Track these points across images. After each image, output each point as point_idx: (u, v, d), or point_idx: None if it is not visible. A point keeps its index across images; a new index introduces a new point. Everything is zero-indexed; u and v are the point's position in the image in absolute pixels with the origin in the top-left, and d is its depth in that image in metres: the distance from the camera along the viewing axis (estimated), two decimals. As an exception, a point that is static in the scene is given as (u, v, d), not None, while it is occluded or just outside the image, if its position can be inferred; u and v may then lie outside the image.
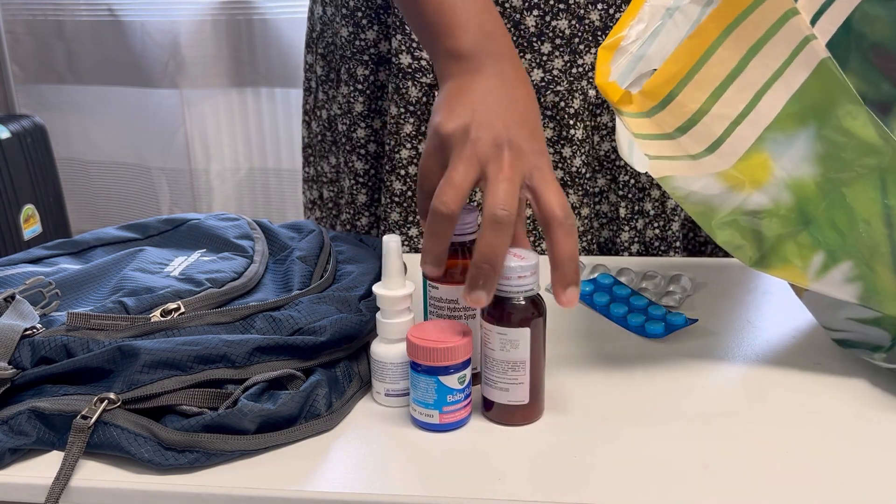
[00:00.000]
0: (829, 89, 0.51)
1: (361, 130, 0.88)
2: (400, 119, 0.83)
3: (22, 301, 0.60)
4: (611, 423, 0.55)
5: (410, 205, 0.85)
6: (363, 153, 0.89)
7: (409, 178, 0.84)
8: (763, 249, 0.58)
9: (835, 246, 0.55)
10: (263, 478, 0.50)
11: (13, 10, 2.17)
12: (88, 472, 0.51)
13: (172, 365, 0.53)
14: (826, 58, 0.50)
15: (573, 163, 0.83)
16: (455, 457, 0.52)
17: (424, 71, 0.81)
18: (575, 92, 0.82)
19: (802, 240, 0.56)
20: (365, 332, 0.61)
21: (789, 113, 0.53)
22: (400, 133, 0.83)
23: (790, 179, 0.55)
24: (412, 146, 0.83)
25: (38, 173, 1.96)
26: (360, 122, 0.88)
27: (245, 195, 2.20)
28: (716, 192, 0.56)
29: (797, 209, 0.55)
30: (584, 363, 0.63)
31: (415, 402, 0.55)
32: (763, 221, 0.56)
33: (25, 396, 0.54)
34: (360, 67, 0.86)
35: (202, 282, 0.64)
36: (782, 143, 0.54)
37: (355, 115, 0.88)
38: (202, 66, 2.08)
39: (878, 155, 0.51)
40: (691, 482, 0.49)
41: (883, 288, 0.55)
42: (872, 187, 0.52)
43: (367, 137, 0.88)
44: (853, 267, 0.55)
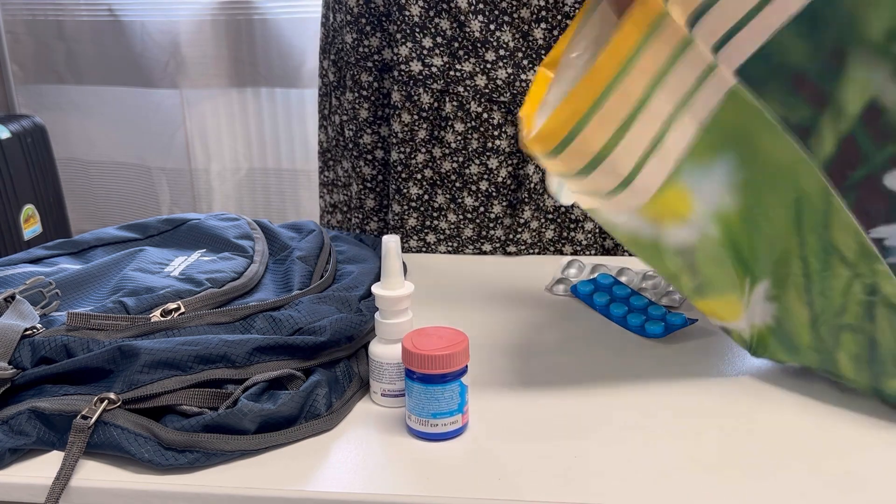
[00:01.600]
0: (744, 116, 0.49)
1: (368, 137, 0.88)
2: (414, 126, 0.83)
3: (22, 301, 0.60)
4: (611, 423, 0.55)
5: (427, 209, 0.85)
6: (370, 159, 0.89)
7: (425, 182, 0.85)
8: (698, 280, 0.57)
9: (754, 268, 0.55)
10: (263, 478, 0.50)
11: (13, 10, 2.17)
12: (88, 472, 0.51)
13: (172, 365, 0.53)
14: (735, 84, 0.49)
15: None
16: (455, 457, 0.52)
17: (435, 77, 0.81)
18: None
19: (731, 270, 0.56)
20: (365, 332, 0.62)
21: (702, 143, 0.51)
22: (415, 139, 0.84)
23: (714, 212, 0.54)
24: (426, 150, 0.84)
25: (38, 173, 1.96)
26: (366, 128, 0.88)
27: (245, 195, 2.20)
28: (639, 224, 0.56)
29: (727, 242, 0.54)
30: (584, 363, 0.63)
31: (409, 410, 0.54)
32: (695, 255, 0.56)
33: (25, 396, 0.54)
34: (363, 74, 0.87)
35: (202, 282, 0.64)
36: (699, 175, 0.52)
37: (361, 121, 0.88)
38: (202, 66, 2.08)
39: (794, 178, 0.50)
40: (692, 482, 0.49)
41: (795, 312, 0.54)
42: (787, 209, 0.51)
43: (373, 144, 0.88)
44: (770, 287, 0.55)
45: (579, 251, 0.85)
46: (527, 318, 0.70)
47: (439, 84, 0.82)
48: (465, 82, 0.81)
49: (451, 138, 0.83)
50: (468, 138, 0.82)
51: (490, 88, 0.81)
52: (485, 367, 0.62)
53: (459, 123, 0.82)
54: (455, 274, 0.80)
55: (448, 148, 0.83)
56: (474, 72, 0.80)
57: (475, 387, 0.59)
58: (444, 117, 0.82)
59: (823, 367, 0.56)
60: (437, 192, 0.85)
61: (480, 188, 0.84)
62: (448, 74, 0.81)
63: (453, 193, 0.85)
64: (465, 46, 0.80)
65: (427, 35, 0.80)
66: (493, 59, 0.80)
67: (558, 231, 0.85)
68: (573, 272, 0.78)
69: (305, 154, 2.10)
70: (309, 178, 2.11)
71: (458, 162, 0.83)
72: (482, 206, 0.84)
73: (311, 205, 2.07)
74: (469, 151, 0.83)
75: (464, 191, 0.84)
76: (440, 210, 0.85)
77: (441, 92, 0.82)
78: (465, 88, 0.81)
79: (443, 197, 0.85)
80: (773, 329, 0.57)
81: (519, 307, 0.72)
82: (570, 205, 0.70)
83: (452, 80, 0.81)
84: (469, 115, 0.81)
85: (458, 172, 0.83)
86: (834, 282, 0.52)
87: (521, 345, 0.66)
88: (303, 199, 2.16)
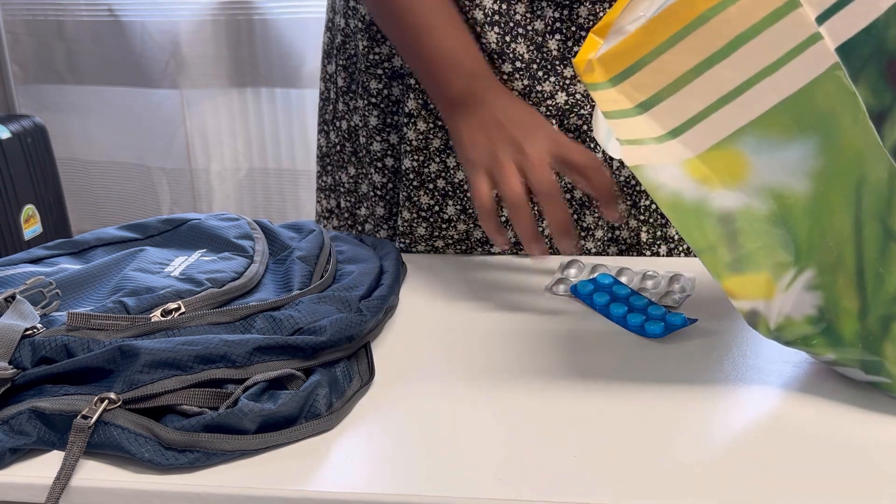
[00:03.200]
0: (836, 100, 0.47)
1: (377, 144, 0.88)
2: (429, 134, 0.83)
3: (22, 301, 0.60)
4: (610, 422, 0.55)
5: (437, 219, 0.85)
6: (380, 166, 0.89)
7: (436, 192, 0.85)
8: (738, 253, 0.54)
9: (804, 255, 0.53)
10: (263, 478, 0.50)
11: (13, 10, 2.17)
12: (89, 471, 0.51)
13: (173, 365, 0.53)
14: (835, 63, 0.46)
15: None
16: (455, 456, 0.52)
17: None
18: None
19: (780, 252, 0.53)
20: (365, 331, 0.62)
21: (779, 117, 0.48)
22: (429, 148, 0.84)
23: (772, 189, 0.51)
24: (440, 160, 0.84)
25: (39, 173, 1.96)
26: (376, 135, 0.88)
27: (245, 195, 2.20)
28: (685, 185, 0.53)
29: (779, 221, 0.52)
30: (584, 363, 0.63)
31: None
32: (737, 224, 0.53)
33: (26, 396, 0.54)
34: (373, 81, 0.87)
35: (202, 282, 0.64)
36: (765, 148, 0.50)
37: (370, 128, 0.88)
38: (202, 66, 2.08)
39: (861, 165, 0.48)
40: (692, 482, 0.49)
41: (842, 303, 0.53)
42: (848, 197, 0.49)
43: (383, 152, 0.88)
44: (816, 275, 0.53)
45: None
46: (526, 318, 0.70)
47: None
48: None
49: None
50: None
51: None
52: (484, 366, 0.62)
53: None
54: (455, 273, 0.80)
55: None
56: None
57: (475, 386, 0.59)
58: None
59: (864, 358, 0.54)
60: (447, 202, 0.85)
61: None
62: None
63: (465, 204, 0.85)
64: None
65: None
66: (509, 71, 0.80)
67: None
68: (573, 272, 0.78)
69: (305, 154, 2.11)
70: (309, 178, 2.12)
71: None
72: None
73: (311, 205, 2.07)
74: None
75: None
76: (449, 221, 0.85)
77: None
78: None
79: (453, 208, 0.85)
80: (814, 319, 0.55)
81: (519, 307, 0.72)
82: (616, 158, 0.68)
83: None
84: None
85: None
86: (892, 269, 0.50)
87: (520, 344, 0.66)
88: (303, 199, 2.16)
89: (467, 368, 0.62)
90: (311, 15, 1.99)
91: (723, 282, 0.57)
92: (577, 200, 0.84)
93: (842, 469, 0.50)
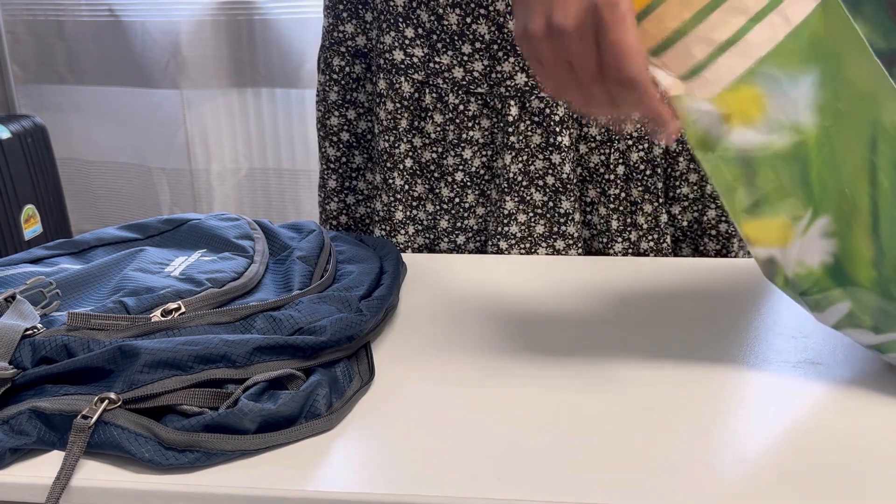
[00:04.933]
0: (835, 30, 0.48)
1: (335, 119, 0.90)
2: (396, 115, 0.85)
3: (22, 301, 0.60)
4: (611, 422, 0.55)
5: (410, 201, 0.86)
6: (335, 140, 0.91)
7: (405, 172, 0.86)
8: (756, 196, 0.55)
9: (818, 200, 0.53)
10: (263, 478, 0.50)
11: (13, 10, 2.17)
12: (89, 471, 0.51)
13: (173, 365, 0.53)
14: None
15: (563, 169, 0.84)
16: (455, 456, 0.52)
17: (416, 67, 0.83)
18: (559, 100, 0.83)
19: (796, 192, 0.54)
20: (365, 331, 0.62)
21: (790, 49, 0.49)
22: (398, 128, 0.85)
23: (789, 123, 0.52)
24: (408, 140, 0.85)
25: (39, 173, 1.96)
26: (334, 110, 0.90)
27: (245, 195, 2.20)
28: (712, 122, 0.54)
29: (795, 159, 0.53)
30: (585, 363, 0.63)
31: None
32: (755, 164, 0.54)
33: (26, 396, 0.54)
34: (336, 58, 0.89)
35: (202, 282, 0.64)
36: (781, 82, 0.51)
37: (329, 103, 0.90)
38: (202, 66, 2.09)
39: (874, 109, 0.49)
40: (693, 482, 0.49)
41: (857, 249, 0.53)
42: (862, 142, 0.50)
43: (339, 126, 0.91)
44: (831, 222, 0.53)
45: (571, 244, 0.86)
46: (526, 318, 0.70)
47: (420, 75, 0.83)
48: (443, 74, 0.82)
49: (431, 129, 0.84)
50: (446, 129, 0.84)
51: (467, 80, 0.82)
52: (484, 366, 0.62)
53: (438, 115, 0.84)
54: (455, 273, 0.80)
55: (428, 138, 0.85)
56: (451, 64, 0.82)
57: (475, 386, 0.59)
58: (423, 108, 0.84)
59: (879, 306, 0.55)
60: (416, 181, 0.86)
61: (456, 179, 0.86)
62: (428, 66, 0.83)
63: (432, 184, 0.86)
64: (443, 39, 0.81)
65: (409, 26, 0.82)
66: (469, 52, 0.81)
67: (548, 227, 0.85)
68: None
69: (305, 154, 2.11)
70: (309, 178, 2.12)
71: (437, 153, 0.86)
72: (457, 198, 0.86)
73: (311, 205, 2.08)
74: (447, 142, 0.85)
75: (441, 182, 0.86)
76: (419, 200, 0.87)
77: (421, 83, 0.84)
78: (444, 80, 0.82)
79: (422, 187, 0.87)
80: (830, 266, 0.55)
81: (519, 306, 0.72)
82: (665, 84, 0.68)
83: (432, 73, 0.83)
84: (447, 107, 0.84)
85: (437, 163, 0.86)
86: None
87: (520, 344, 0.66)
88: (303, 199, 2.16)
89: (467, 368, 0.62)
90: (311, 15, 2.00)
91: (741, 227, 0.57)
92: (551, 187, 0.85)
93: (842, 468, 0.50)
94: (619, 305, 0.72)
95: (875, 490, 0.48)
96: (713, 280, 0.77)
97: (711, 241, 0.89)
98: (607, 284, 0.76)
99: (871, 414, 0.55)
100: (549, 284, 0.77)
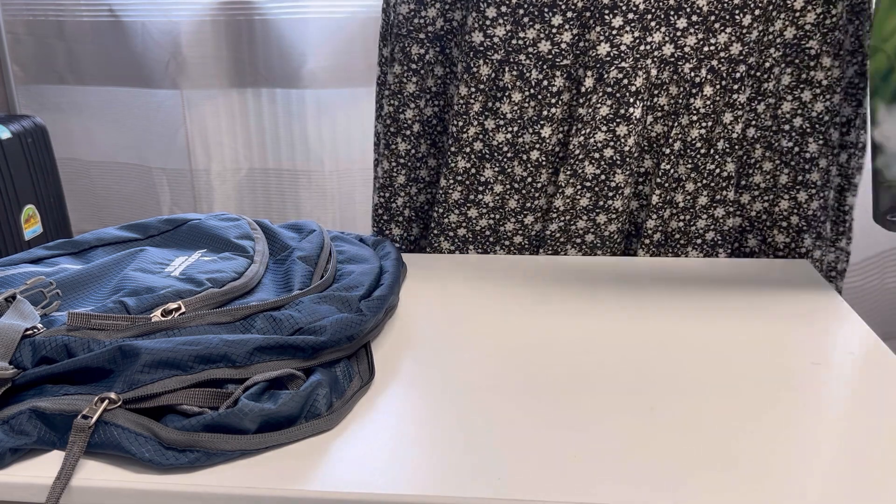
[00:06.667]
0: None
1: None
2: (470, 98, 0.83)
3: (23, 301, 0.60)
4: (611, 422, 0.55)
5: (473, 182, 0.85)
6: (407, 134, 0.90)
7: (472, 156, 0.85)
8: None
9: None
10: (263, 478, 0.50)
11: (13, 11, 2.17)
12: (89, 471, 0.51)
13: (173, 365, 0.53)
14: None
15: (627, 142, 0.82)
16: (455, 456, 0.52)
17: (496, 48, 0.81)
18: (639, 70, 0.80)
19: None
20: (365, 331, 0.62)
21: None
22: (469, 113, 0.83)
23: None
24: (479, 123, 0.84)
25: (39, 173, 1.96)
26: (410, 102, 0.89)
27: (245, 195, 2.20)
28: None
29: None
30: (585, 363, 0.63)
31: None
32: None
33: (26, 396, 0.54)
34: (415, 46, 0.87)
35: (203, 282, 0.64)
36: None
37: (406, 95, 0.88)
38: (202, 66, 2.08)
39: None
40: (693, 482, 0.49)
41: None
42: None
43: (413, 118, 0.89)
44: None
45: (613, 218, 0.85)
46: (526, 318, 0.70)
47: (499, 55, 0.81)
48: (526, 50, 0.80)
49: (507, 109, 0.82)
50: (524, 107, 0.82)
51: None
52: (484, 366, 0.62)
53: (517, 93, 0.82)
54: (455, 273, 0.80)
55: (503, 119, 0.83)
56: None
57: (475, 386, 0.59)
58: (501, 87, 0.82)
59: None
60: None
61: (531, 158, 0.84)
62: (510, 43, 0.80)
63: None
64: (531, 13, 0.79)
65: (491, 5, 0.80)
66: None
67: (594, 200, 0.84)
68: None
69: (305, 154, 2.10)
70: (309, 178, 2.12)
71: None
72: (530, 177, 0.84)
73: (311, 205, 2.08)
74: (525, 120, 0.82)
75: (515, 161, 0.84)
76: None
77: (500, 62, 0.81)
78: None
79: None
80: None
81: (519, 306, 0.72)
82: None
83: (513, 50, 0.80)
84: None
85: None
86: None
87: (520, 344, 0.66)
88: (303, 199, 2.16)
89: (467, 368, 0.62)
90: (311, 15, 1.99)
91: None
92: (608, 160, 0.83)
93: (843, 467, 0.50)
94: (618, 305, 0.72)
95: (877, 491, 0.48)
96: (713, 280, 0.77)
97: (781, 234, 0.87)
98: (607, 284, 0.76)
99: (873, 415, 0.55)
100: (550, 284, 0.77)
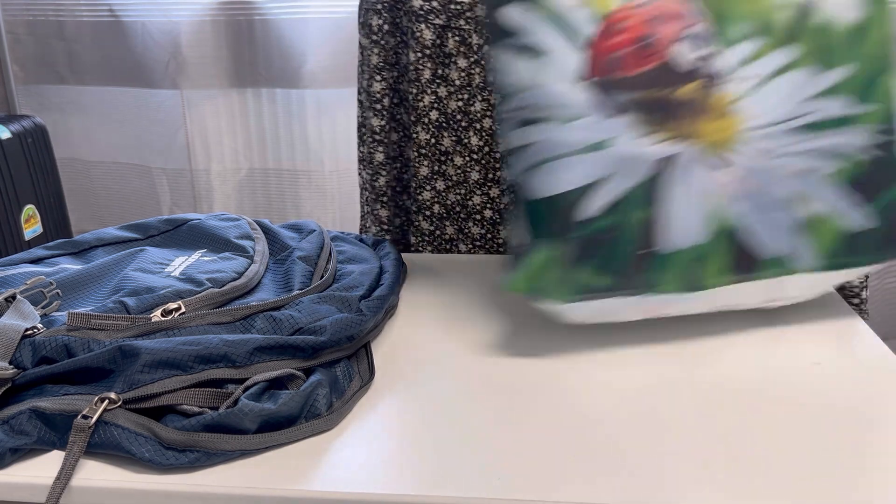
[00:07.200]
0: None
1: (377, 84, 0.84)
2: (419, 65, 0.79)
3: (23, 301, 0.60)
4: (611, 423, 0.55)
5: (435, 153, 0.81)
6: (378, 108, 0.86)
7: (431, 126, 0.81)
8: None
9: None
10: (263, 478, 0.50)
11: (13, 11, 2.17)
12: (89, 471, 0.51)
13: (173, 365, 0.53)
14: None
15: None
16: (454, 456, 0.52)
17: (436, 12, 0.78)
18: None
19: None
20: (365, 331, 0.62)
21: None
22: (421, 80, 0.80)
23: None
24: (432, 91, 0.80)
25: (39, 173, 1.96)
26: (376, 74, 0.85)
27: (245, 195, 2.20)
28: None
29: None
30: (586, 363, 0.63)
31: None
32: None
33: (26, 396, 0.54)
34: (374, 17, 0.84)
35: (203, 282, 0.64)
36: None
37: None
38: (203, 66, 2.08)
39: None
40: (693, 482, 0.49)
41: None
42: None
43: (381, 92, 0.85)
44: None
45: None
46: (527, 318, 0.70)
47: (441, 19, 0.78)
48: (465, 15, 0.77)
49: (455, 75, 0.79)
50: (471, 74, 0.79)
51: None
52: (484, 366, 0.62)
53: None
54: (455, 273, 0.80)
55: (452, 86, 0.80)
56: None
57: (475, 386, 0.59)
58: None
59: None
60: (443, 134, 0.82)
61: (485, 126, 0.81)
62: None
63: (459, 135, 0.81)
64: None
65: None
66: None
67: None
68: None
69: (305, 154, 2.10)
70: (309, 178, 2.12)
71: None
72: (486, 146, 0.80)
73: (311, 204, 2.08)
74: (473, 87, 0.79)
75: (469, 130, 0.81)
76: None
77: (443, 27, 0.78)
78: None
79: (448, 140, 0.81)
80: None
81: (518, 307, 0.72)
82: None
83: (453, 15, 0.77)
84: None
85: None
86: None
87: (520, 344, 0.66)
88: (303, 199, 2.16)
89: (467, 368, 0.62)
90: (311, 15, 1.99)
91: None
92: None
93: (843, 467, 0.50)
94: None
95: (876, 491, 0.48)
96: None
97: None
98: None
99: (873, 415, 0.55)
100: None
